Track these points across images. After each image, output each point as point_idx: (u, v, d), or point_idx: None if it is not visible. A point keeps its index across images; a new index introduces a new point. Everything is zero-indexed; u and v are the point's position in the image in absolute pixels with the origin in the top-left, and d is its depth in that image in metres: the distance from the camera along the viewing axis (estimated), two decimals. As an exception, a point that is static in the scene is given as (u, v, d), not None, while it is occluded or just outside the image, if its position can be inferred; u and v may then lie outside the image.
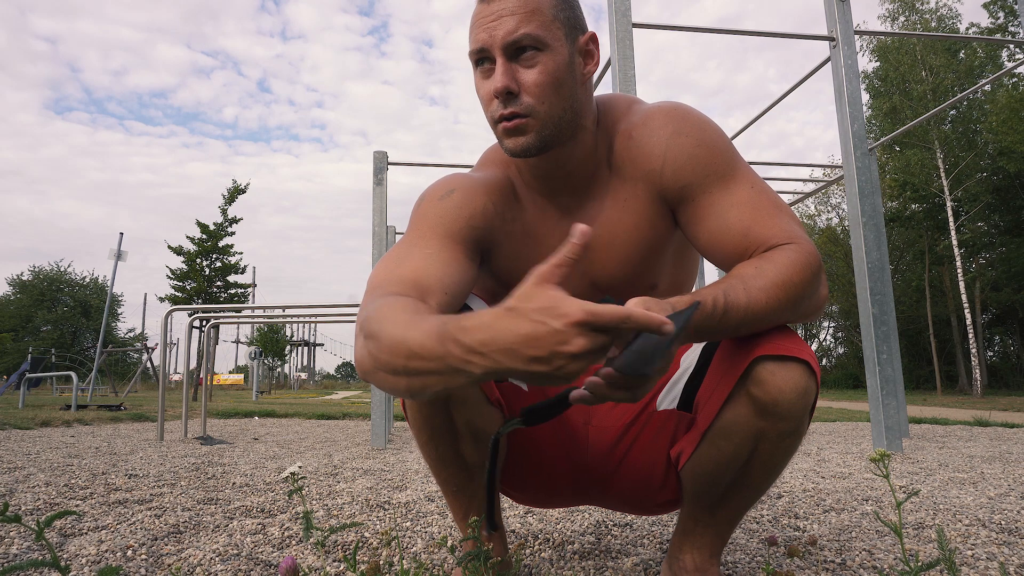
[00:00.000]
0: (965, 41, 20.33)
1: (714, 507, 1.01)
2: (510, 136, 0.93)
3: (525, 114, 0.91)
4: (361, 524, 0.96)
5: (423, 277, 0.87)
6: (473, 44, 0.94)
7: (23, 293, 40.28)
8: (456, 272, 0.91)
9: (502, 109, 0.92)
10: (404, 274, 0.88)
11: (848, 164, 3.51)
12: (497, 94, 0.91)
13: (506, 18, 0.90)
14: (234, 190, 17.44)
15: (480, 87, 0.95)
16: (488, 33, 0.91)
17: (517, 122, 0.91)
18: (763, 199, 0.93)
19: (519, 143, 0.93)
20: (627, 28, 3.11)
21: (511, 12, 0.90)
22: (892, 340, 3.93)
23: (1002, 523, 1.67)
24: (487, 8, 0.92)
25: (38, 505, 1.93)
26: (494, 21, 0.91)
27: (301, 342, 46.35)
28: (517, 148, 0.93)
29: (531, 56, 0.91)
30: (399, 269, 0.89)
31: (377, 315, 0.77)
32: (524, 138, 0.92)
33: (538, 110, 0.91)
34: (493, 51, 0.91)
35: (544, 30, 0.91)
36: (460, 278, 0.91)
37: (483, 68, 0.94)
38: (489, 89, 0.93)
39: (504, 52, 0.90)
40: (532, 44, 0.90)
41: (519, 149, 0.93)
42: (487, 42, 0.91)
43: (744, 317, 0.82)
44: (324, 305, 4.67)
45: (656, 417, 1.05)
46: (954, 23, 21.02)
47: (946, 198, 19.94)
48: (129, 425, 5.96)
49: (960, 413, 9.22)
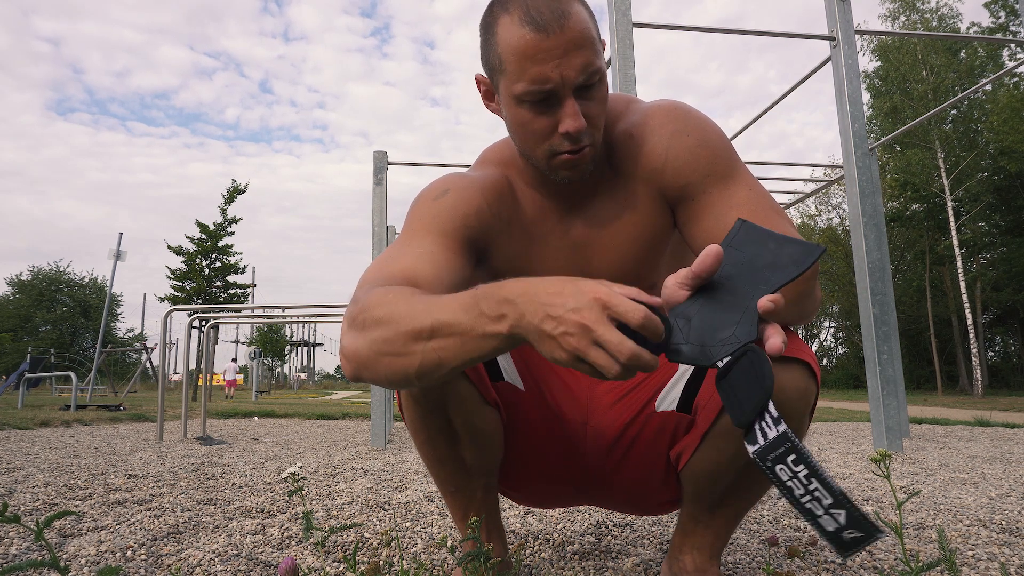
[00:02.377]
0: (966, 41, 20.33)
1: (714, 508, 1.01)
2: (572, 167, 0.92)
3: (590, 144, 0.90)
4: (361, 524, 0.96)
5: (414, 275, 0.86)
6: (536, 83, 0.84)
7: (22, 293, 40.29)
8: (449, 271, 0.89)
9: (571, 145, 0.89)
10: (395, 272, 0.87)
11: (849, 164, 3.51)
12: (575, 134, 0.87)
13: (574, 54, 0.84)
14: (233, 190, 17.42)
15: (531, 121, 0.89)
16: (558, 72, 0.83)
17: (583, 154, 0.90)
18: (761, 201, 0.93)
19: (579, 172, 0.93)
20: (627, 28, 3.11)
21: (577, 46, 0.84)
22: (893, 340, 3.93)
23: (1003, 523, 1.67)
24: (546, 40, 0.83)
25: (37, 505, 1.93)
26: (561, 58, 0.83)
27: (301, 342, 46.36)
28: (577, 176, 0.93)
29: (595, 88, 0.87)
30: (390, 267, 0.88)
31: (378, 301, 0.77)
32: (585, 166, 0.92)
33: (598, 138, 0.91)
34: (563, 91, 0.85)
35: (601, 59, 0.87)
36: (453, 277, 0.90)
37: (538, 104, 0.87)
38: (546, 125, 0.88)
39: (574, 90, 0.86)
40: (599, 77, 0.87)
41: (578, 177, 0.94)
42: (558, 82, 0.84)
43: None
44: (324, 305, 4.67)
45: (655, 418, 1.05)
46: (955, 22, 21.03)
47: (947, 198, 19.95)
48: (128, 425, 5.96)
49: (961, 413, 9.22)
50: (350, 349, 0.78)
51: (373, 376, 0.77)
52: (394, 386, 0.78)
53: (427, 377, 0.73)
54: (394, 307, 0.75)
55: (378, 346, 0.74)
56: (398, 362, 0.73)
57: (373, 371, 0.76)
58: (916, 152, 20.68)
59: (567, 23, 0.83)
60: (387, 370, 0.74)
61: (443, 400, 0.95)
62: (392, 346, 0.73)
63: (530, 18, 0.83)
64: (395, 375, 0.74)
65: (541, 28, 0.83)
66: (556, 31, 0.82)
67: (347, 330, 0.79)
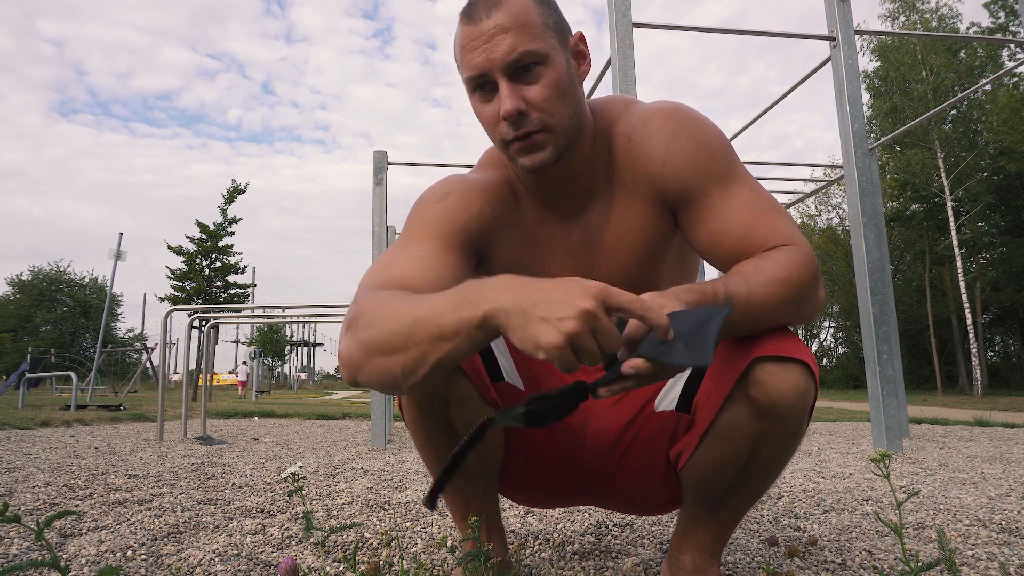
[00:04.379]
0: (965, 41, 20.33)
1: (714, 508, 1.01)
2: (526, 154, 0.91)
3: (538, 130, 0.90)
4: (361, 524, 0.96)
5: (413, 279, 0.86)
6: (469, 70, 0.89)
7: (22, 293, 40.29)
8: (449, 274, 0.90)
9: (514, 131, 0.89)
10: (394, 275, 0.87)
11: (848, 164, 3.51)
12: (507, 117, 0.88)
13: (500, 37, 0.87)
14: (233, 190, 17.42)
15: (482, 111, 0.92)
16: (485, 56, 0.87)
17: (533, 139, 0.90)
18: (762, 202, 0.93)
19: (536, 159, 0.92)
20: (627, 28, 3.11)
21: (503, 29, 0.87)
22: (892, 340, 3.93)
23: (1002, 523, 1.67)
24: (475, 29, 0.88)
25: (38, 505, 1.93)
26: (488, 43, 0.87)
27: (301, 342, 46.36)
28: (535, 164, 0.92)
29: (534, 72, 0.88)
30: (390, 270, 0.89)
31: (371, 305, 0.78)
32: (541, 154, 0.91)
33: (549, 123, 0.90)
34: (493, 74, 0.88)
35: (540, 42, 0.88)
36: (452, 281, 0.89)
37: (483, 92, 0.91)
38: (493, 112, 0.90)
39: (506, 73, 0.87)
40: (533, 60, 0.88)
41: (537, 165, 0.92)
42: (485, 66, 0.88)
43: (745, 311, 0.81)
44: (324, 305, 4.68)
45: (655, 418, 1.05)
46: (954, 23, 21.02)
47: (946, 198, 19.94)
48: (129, 425, 5.96)
49: (960, 413, 9.22)
50: (344, 352, 0.79)
51: (366, 378, 0.77)
52: (386, 388, 0.78)
53: (413, 375, 0.73)
54: (384, 308, 0.77)
55: (367, 347, 0.75)
56: (386, 362, 0.74)
57: (366, 373, 0.77)
58: (916, 152, 20.67)
59: (495, 11, 0.88)
60: (377, 371, 0.75)
61: (443, 401, 0.95)
62: (379, 346, 0.74)
63: (466, 12, 0.91)
64: (384, 375, 0.75)
65: (471, 19, 0.89)
66: (483, 19, 0.88)
67: (343, 334, 0.80)
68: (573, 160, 0.98)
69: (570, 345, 0.64)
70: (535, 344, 0.64)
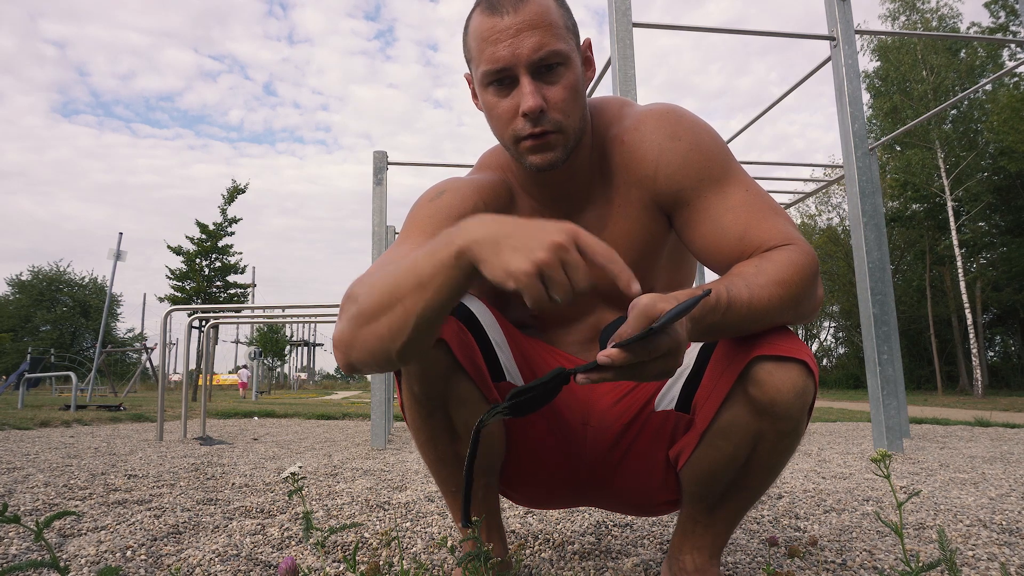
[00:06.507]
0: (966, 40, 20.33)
1: (714, 507, 1.01)
2: (537, 152, 0.92)
3: (553, 130, 0.90)
4: (361, 524, 0.96)
5: None
6: (491, 63, 0.88)
7: (22, 293, 40.30)
8: None
9: (531, 128, 0.89)
10: None
11: (849, 164, 3.51)
12: (529, 113, 0.88)
13: (527, 33, 0.86)
14: (233, 190, 17.42)
15: (496, 104, 0.92)
16: (511, 51, 0.87)
17: (546, 139, 0.90)
18: (758, 202, 0.93)
19: (547, 158, 0.92)
20: (627, 28, 3.11)
21: (532, 26, 0.87)
22: (893, 340, 3.92)
23: (1003, 524, 1.67)
24: (500, 21, 0.87)
25: (37, 506, 1.93)
26: (514, 37, 0.86)
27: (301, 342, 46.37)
28: (545, 163, 0.92)
29: (555, 71, 0.88)
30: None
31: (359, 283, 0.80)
32: (552, 153, 0.92)
33: (563, 124, 0.91)
34: (516, 70, 0.88)
35: (564, 43, 0.89)
36: None
37: (499, 86, 0.90)
38: (509, 107, 0.90)
39: (529, 70, 0.88)
40: (557, 60, 0.88)
41: (546, 164, 0.92)
42: (510, 60, 0.87)
43: (747, 313, 0.81)
44: (324, 305, 4.68)
45: (654, 418, 1.05)
46: (955, 22, 21.01)
47: (947, 198, 19.93)
48: (128, 425, 5.96)
49: (961, 413, 9.22)
50: (336, 334, 0.80)
51: (358, 354, 0.78)
52: (378, 362, 0.79)
53: (400, 336, 0.74)
54: (370, 279, 0.79)
55: (356, 319, 0.76)
56: (375, 328, 0.75)
57: (358, 349, 0.77)
58: (916, 152, 20.66)
59: (522, 6, 0.87)
60: (365, 342, 0.76)
61: (444, 400, 0.95)
62: (367, 313, 0.75)
63: (489, 4, 0.90)
64: (374, 345, 0.75)
65: (496, 11, 0.88)
66: (510, 12, 0.87)
67: (337, 322, 0.82)
68: (573, 163, 0.98)
69: (539, 274, 0.65)
70: (505, 271, 0.66)
